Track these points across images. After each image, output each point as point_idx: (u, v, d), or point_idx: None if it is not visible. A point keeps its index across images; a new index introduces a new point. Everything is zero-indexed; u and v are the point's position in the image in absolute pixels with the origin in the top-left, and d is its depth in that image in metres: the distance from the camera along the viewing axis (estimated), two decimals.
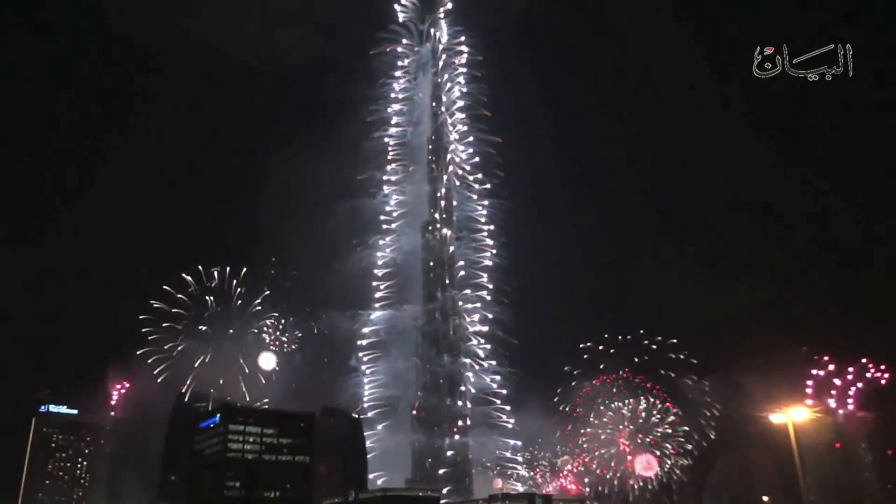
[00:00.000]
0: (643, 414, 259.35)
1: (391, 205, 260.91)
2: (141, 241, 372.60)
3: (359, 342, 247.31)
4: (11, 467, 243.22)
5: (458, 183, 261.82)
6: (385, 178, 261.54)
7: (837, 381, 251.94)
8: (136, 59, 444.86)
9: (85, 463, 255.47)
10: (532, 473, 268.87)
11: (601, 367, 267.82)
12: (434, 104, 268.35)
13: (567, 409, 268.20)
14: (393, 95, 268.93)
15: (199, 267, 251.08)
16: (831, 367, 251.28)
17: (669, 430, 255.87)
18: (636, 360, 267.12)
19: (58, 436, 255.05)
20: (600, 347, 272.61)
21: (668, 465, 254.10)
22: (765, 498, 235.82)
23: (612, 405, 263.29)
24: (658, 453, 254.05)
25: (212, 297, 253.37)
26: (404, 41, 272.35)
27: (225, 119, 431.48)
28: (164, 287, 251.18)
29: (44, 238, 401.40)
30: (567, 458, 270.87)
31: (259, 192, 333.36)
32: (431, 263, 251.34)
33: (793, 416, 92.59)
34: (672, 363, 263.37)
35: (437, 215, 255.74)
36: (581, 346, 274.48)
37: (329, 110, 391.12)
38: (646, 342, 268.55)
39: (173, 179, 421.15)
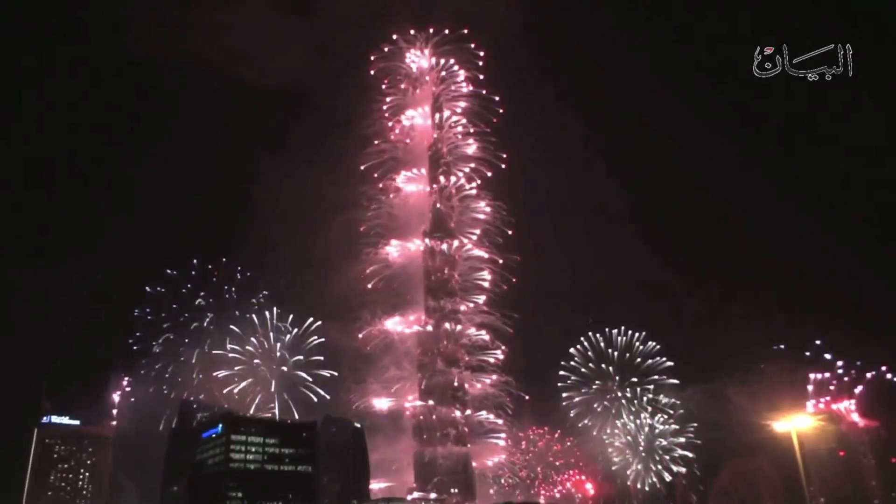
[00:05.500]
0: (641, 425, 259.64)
1: (391, 215, 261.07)
2: (140, 253, 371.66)
3: (360, 351, 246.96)
4: (13, 479, 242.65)
5: (458, 192, 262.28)
6: (384, 188, 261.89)
7: (837, 388, 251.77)
8: (131, 77, 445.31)
9: (87, 474, 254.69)
10: (534, 481, 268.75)
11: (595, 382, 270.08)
12: (433, 113, 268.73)
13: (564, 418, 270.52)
14: (392, 106, 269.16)
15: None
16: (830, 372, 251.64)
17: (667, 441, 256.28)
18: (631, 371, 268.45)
19: (60, 447, 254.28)
20: (589, 354, 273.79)
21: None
22: None
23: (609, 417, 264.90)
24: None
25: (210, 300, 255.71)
26: (403, 52, 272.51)
27: (219, 137, 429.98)
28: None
29: (43, 249, 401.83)
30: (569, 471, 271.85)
31: (256, 208, 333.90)
32: (431, 272, 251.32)
33: (796, 424, 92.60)
34: (669, 372, 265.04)
35: (437, 224, 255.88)
36: (571, 350, 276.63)
37: (327, 125, 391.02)
38: (639, 351, 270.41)
39: (169, 196, 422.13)
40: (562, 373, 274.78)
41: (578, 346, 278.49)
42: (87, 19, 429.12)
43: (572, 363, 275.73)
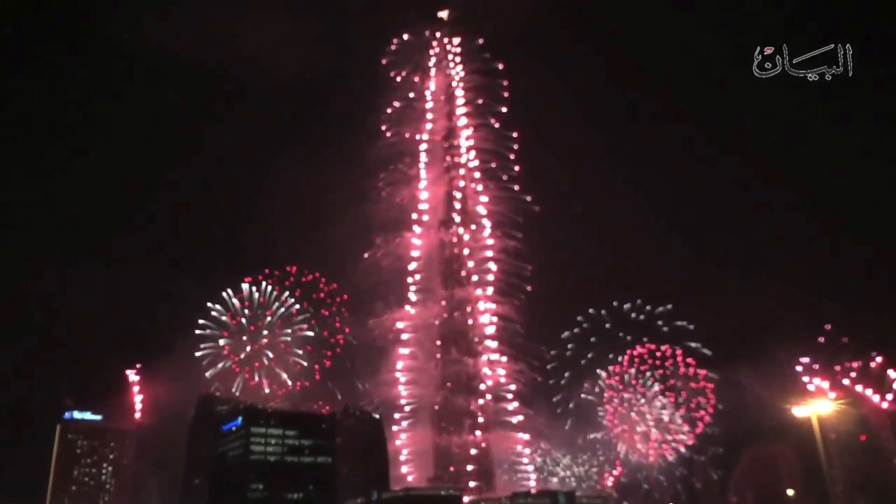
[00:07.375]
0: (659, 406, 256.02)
1: (404, 206, 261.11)
2: (155, 250, 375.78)
3: (379, 342, 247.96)
4: (37, 474, 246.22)
5: (473, 181, 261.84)
6: (397, 179, 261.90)
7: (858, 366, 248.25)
8: (144, 72, 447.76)
9: (110, 468, 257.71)
10: (555, 470, 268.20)
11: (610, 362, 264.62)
12: (446, 104, 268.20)
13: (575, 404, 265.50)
14: (404, 97, 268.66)
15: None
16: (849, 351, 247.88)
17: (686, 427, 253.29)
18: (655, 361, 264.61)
19: (82, 442, 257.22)
20: (592, 340, 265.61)
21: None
22: (790, 491, 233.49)
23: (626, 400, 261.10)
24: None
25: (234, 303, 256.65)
26: (414, 45, 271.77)
27: (232, 133, 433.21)
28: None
29: (65, 249, 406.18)
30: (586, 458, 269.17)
31: (271, 202, 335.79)
32: (446, 262, 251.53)
33: (817, 408, 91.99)
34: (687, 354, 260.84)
35: (453, 213, 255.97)
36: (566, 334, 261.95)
37: (340, 119, 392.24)
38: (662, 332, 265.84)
39: (182, 191, 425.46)
40: (551, 366, 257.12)
41: (576, 330, 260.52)
42: (98, 16, 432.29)
43: (567, 353, 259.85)
